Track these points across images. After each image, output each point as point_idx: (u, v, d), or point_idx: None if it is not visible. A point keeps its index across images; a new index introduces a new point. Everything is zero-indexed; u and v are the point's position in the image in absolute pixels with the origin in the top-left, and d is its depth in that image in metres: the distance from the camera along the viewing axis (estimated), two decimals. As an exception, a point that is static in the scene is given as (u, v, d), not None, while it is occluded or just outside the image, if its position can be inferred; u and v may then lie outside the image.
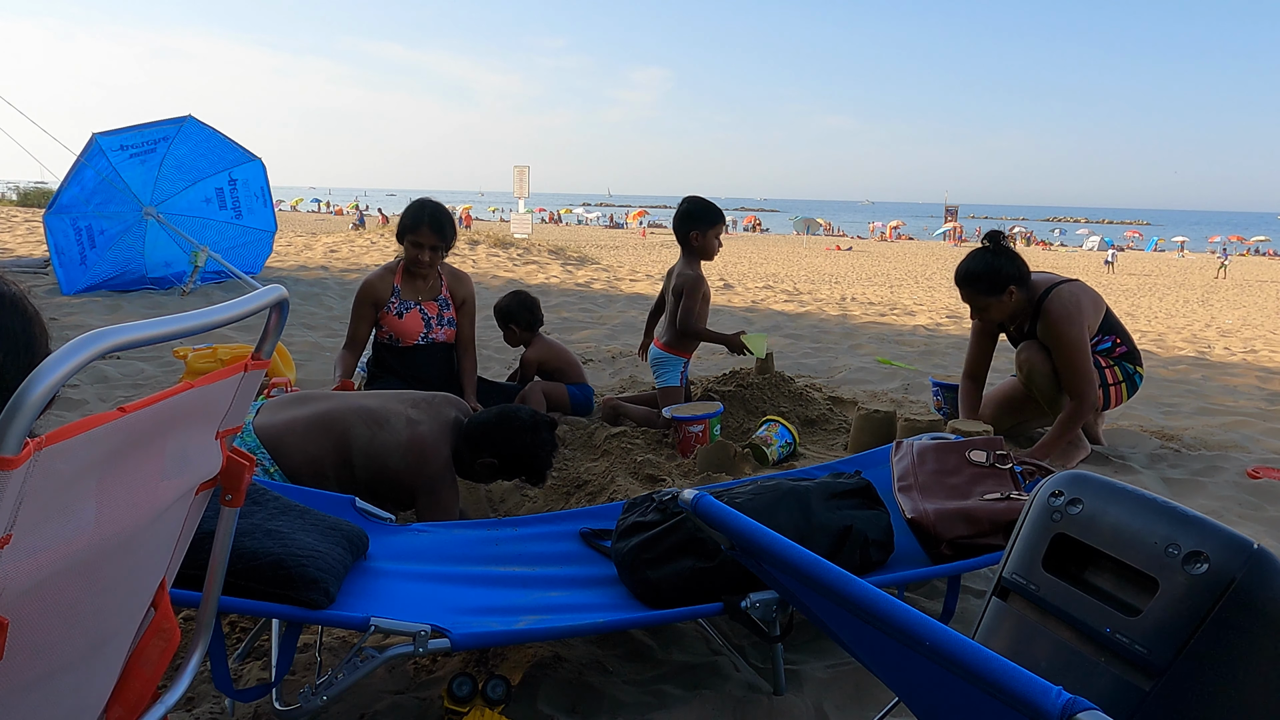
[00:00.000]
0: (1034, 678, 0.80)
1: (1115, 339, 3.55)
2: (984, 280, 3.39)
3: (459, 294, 3.77)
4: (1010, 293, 3.38)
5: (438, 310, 3.69)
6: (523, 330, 4.17)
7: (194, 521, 1.20)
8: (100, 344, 0.79)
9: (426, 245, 3.57)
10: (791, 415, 3.83)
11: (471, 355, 3.79)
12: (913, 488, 2.38)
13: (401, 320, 3.61)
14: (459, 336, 3.77)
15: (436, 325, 3.69)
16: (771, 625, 1.85)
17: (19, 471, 0.72)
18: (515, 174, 21.41)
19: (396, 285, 3.64)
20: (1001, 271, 3.36)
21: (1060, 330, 3.32)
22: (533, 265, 11.31)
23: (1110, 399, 3.54)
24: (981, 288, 3.40)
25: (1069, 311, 3.32)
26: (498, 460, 2.59)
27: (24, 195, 20.18)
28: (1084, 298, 3.43)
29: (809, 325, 7.80)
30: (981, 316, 3.50)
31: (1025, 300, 3.41)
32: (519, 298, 4.21)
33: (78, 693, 1.00)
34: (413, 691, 1.97)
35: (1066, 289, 3.41)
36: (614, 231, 48.43)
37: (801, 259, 29.35)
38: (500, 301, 4.22)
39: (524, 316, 4.15)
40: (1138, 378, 3.57)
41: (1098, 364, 3.49)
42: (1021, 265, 3.40)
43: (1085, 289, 3.51)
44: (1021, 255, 3.44)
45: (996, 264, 3.37)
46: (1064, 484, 1.29)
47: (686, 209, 3.84)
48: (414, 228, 3.57)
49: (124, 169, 7.37)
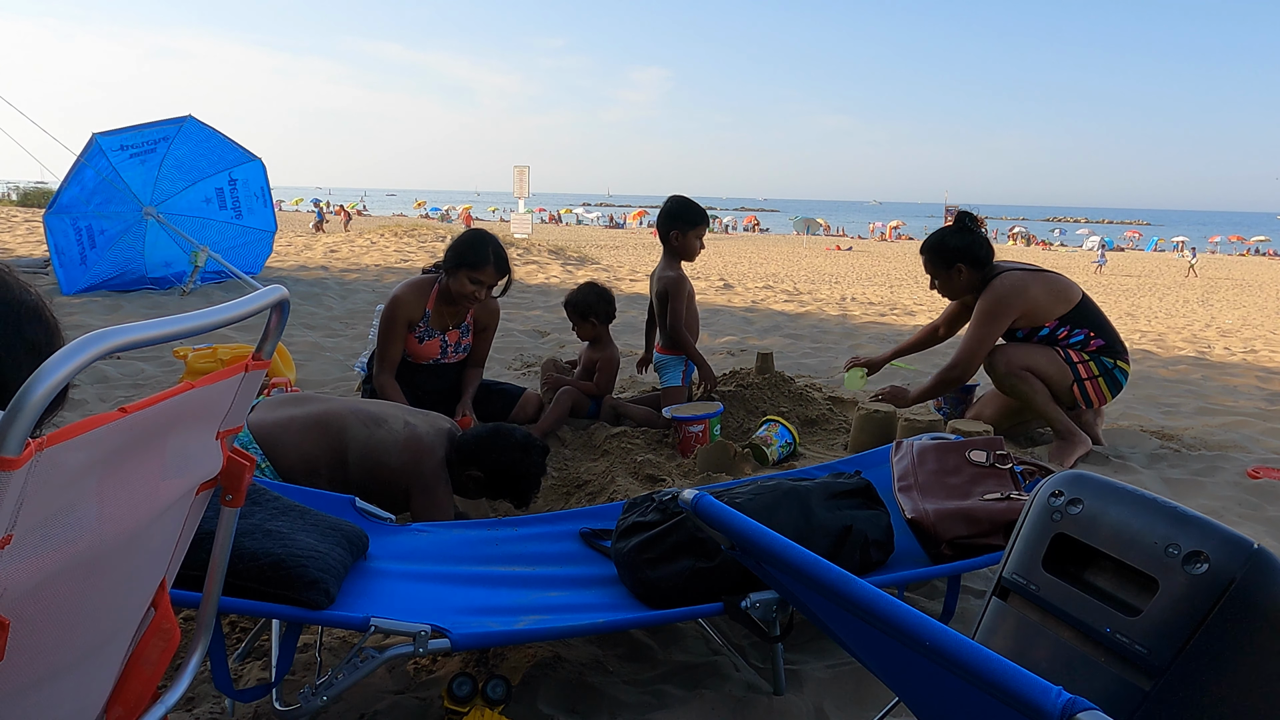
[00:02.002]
0: (1034, 678, 0.80)
1: (1088, 332, 3.56)
2: (932, 252, 3.67)
3: (484, 319, 3.70)
4: (959, 269, 3.61)
5: (458, 338, 3.64)
6: (602, 323, 4.01)
7: (194, 521, 1.20)
8: (101, 344, 0.79)
9: (487, 284, 3.45)
10: (791, 415, 3.83)
11: (479, 370, 3.75)
12: (913, 488, 2.39)
13: (421, 345, 3.56)
14: (472, 355, 3.72)
15: (453, 352, 3.65)
16: (771, 625, 1.85)
17: (20, 472, 0.72)
18: (515, 174, 21.42)
19: (428, 310, 3.54)
20: (950, 248, 3.61)
21: (983, 303, 3.56)
22: (533, 265, 11.31)
23: (1089, 394, 3.54)
24: (931, 258, 3.68)
25: (1000, 293, 3.52)
26: (484, 475, 2.58)
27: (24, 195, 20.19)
28: (1036, 287, 3.54)
29: (809, 325, 7.80)
30: (935, 287, 3.75)
31: (978, 280, 3.64)
32: (596, 290, 4.02)
33: (78, 693, 1.00)
34: (413, 691, 1.97)
35: (1014, 275, 3.57)
36: (614, 231, 48.42)
37: (801, 259, 29.34)
38: (574, 295, 4.02)
39: (604, 309, 3.99)
40: (1119, 372, 3.57)
41: (1069, 359, 3.52)
42: (975, 247, 3.60)
43: (1045, 280, 3.58)
44: (985, 240, 3.65)
45: (948, 241, 3.63)
46: (1064, 484, 1.29)
47: (670, 208, 3.84)
48: (478, 265, 3.41)
49: (124, 169, 7.37)
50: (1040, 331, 3.57)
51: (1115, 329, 3.65)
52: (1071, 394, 3.53)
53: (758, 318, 8.15)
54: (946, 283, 3.68)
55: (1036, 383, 3.48)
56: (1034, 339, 3.59)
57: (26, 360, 1.06)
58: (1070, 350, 3.53)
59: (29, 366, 1.06)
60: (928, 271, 3.74)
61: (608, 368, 3.94)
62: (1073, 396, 3.54)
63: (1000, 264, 3.64)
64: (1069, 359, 3.51)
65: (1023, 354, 3.51)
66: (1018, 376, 3.49)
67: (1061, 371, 3.51)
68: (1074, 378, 3.51)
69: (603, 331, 4.03)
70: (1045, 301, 3.53)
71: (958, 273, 3.62)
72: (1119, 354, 3.58)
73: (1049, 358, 3.51)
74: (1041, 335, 3.57)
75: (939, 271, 3.67)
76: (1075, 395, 3.53)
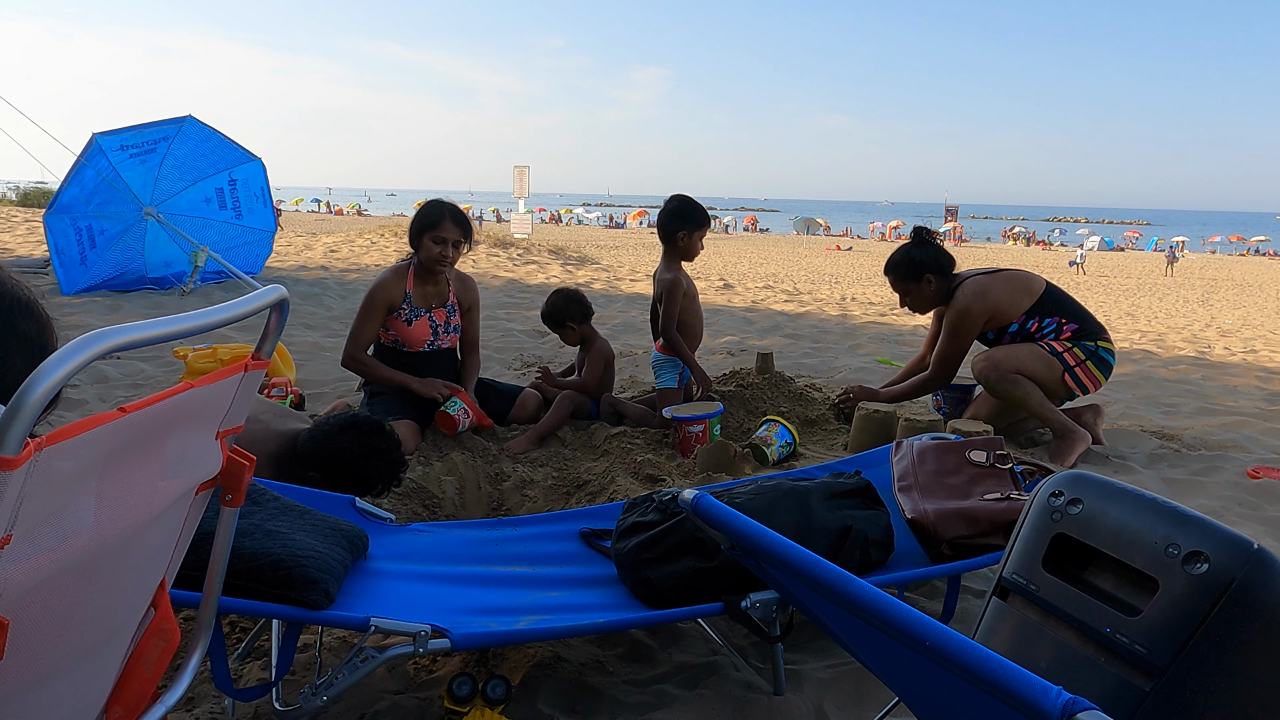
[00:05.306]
0: (1034, 678, 0.80)
1: (1059, 319, 3.58)
2: (901, 268, 3.74)
3: (466, 299, 3.78)
4: (928, 281, 3.69)
5: (445, 318, 3.69)
6: (581, 324, 4.00)
7: (194, 521, 1.20)
8: (100, 344, 0.79)
9: (450, 240, 3.54)
10: (791, 415, 3.83)
11: (475, 355, 3.82)
12: (913, 488, 2.39)
13: (411, 327, 3.60)
14: (464, 337, 3.80)
15: (444, 333, 3.69)
16: (771, 625, 1.85)
17: (19, 472, 0.72)
18: (515, 174, 21.42)
19: (409, 290, 3.60)
20: (916, 261, 3.70)
21: (949, 317, 3.65)
22: (533, 265, 11.31)
23: (1082, 381, 3.55)
24: (900, 274, 3.75)
25: (966, 302, 3.60)
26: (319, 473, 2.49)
27: (24, 195, 20.18)
28: (996, 287, 3.61)
29: (809, 325, 7.80)
30: (906, 302, 3.81)
31: (945, 289, 3.71)
32: (563, 294, 4.02)
33: (78, 693, 1.00)
34: (413, 691, 1.97)
35: (975, 280, 3.65)
36: (614, 231, 48.42)
37: (801, 259, 29.34)
38: (545, 309, 4.02)
39: (577, 309, 3.98)
40: (1104, 352, 3.58)
41: (1053, 351, 3.53)
42: (940, 258, 3.71)
43: (1004, 278, 3.65)
44: (945, 250, 3.75)
45: (913, 255, 3.71)
46: (1064, 484, 1.29)
47: (677, 208, 3.83)
48: (435, 223, 3.54)
49: (124, 169, 7.37)
50: (1009, 329, 3.60)
51: (1086, 309, 3.67)
52: (1065, 385, 3.54)
53: (758, 318, 8.15)
54: (918, 296, 3.75)
55: (1029, 384, 3.49)
56: (1005, 338, 3.62)
57: (19, 353, 1.07)
58: (1050, 342, 3.55)
59: (22, 360, 1.06)
60: (896, 289, 3.80)
61: (596, 361, 3.94)
62: (1067, 387, 3.54)
63: (961, 273, 3.74)
64: (1053, 350, 3.53)
65: (1008, 357, 3.51)
66: (1009, 381, 3.49)
67: (1049, 365, 3.51)
68: (1063, 367, 3.52)
69: (587, 331, 4.04)
70: (1008, 298, 3.59)
71: (927, 284, 3.69)
72: (1097, 334, 3.59)
73: (1035, 355, 3.52)
74: (1011, 332, 3.60)
75: (909, 286, 3.74)
76: (1069, 385, 3.54)
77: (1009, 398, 3.54)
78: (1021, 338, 3.59)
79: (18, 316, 1.08)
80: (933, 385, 3.77)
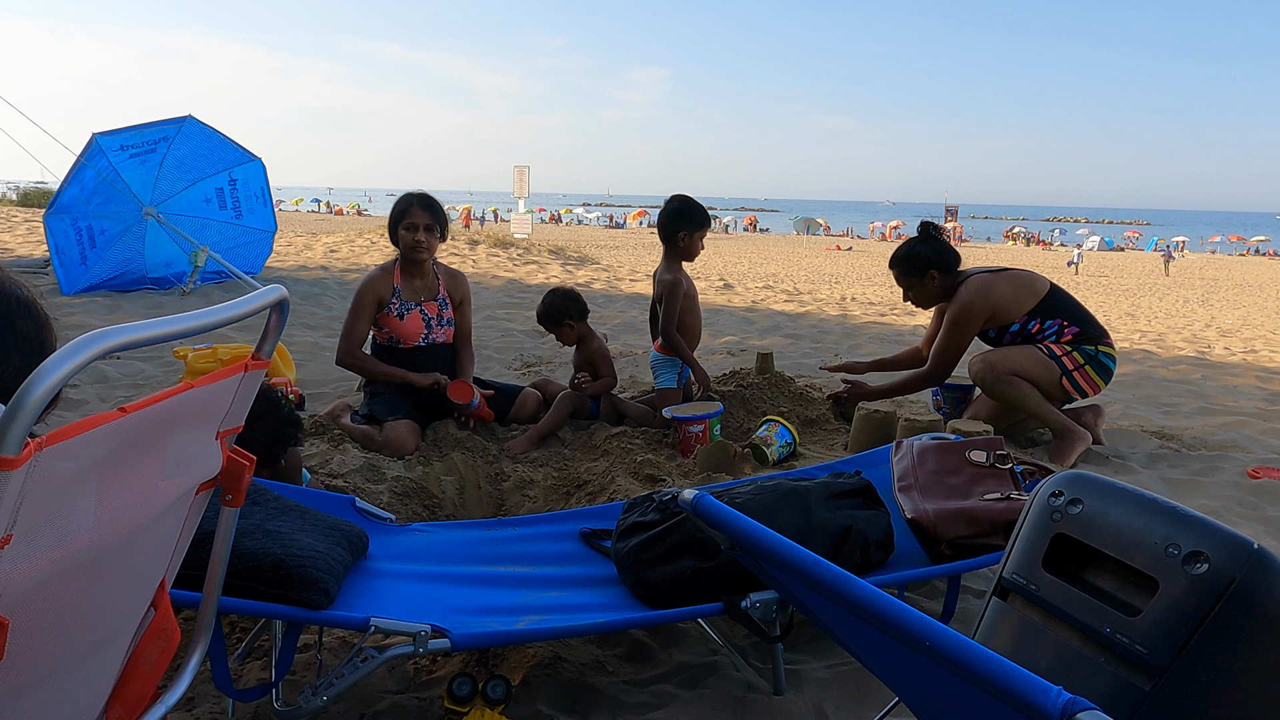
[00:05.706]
0: (1034, 678, 0.80)
1: (1061, 321, 3.57)
2: (905, 263, 3.75)
3: (456, 293, 3.82)
4: (932, 276, 3.70)
5: (437, 310, 3.72)
6: (579, 322, 4.00)
7: (194, 521, 1.20)
8: (100, 344, 0.79)
9: (421, 224, 3.59)
10: (791, 415, 3.83)
11: (469, 350, 3.85)
12: (913, 488, 2.38)
13: (403, 322, 3.63)
14: (457, 332, 3.82)
15: (437, 326, 3.72)
16: (771, 625, 1.85)
17: (19, 472, 0.72)
18: (515, 174, 21.42)
19: (396, 286, 3.65)
20: (921, 256, 3.69)
21: (951, 312, 3.65)
22: (533, 265, 11.31)
23: (1081, 385, 3.54)
24: (904, 269, 3.75)
25: (965, 300, 3.60)
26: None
27: (24, 195, 20.16)
28: (1000, 285, 3.60)
29: (809, 325, 7.80)
30: (909, 297, 3.82)
31: (949, 285, 3.71)
32: (560, 293, 4.01)
33: (78, 693, 1.00)
34: (413, 691, 1.97)
35: (978, 278, 3.64)
36: (614, 231, 48.41)
37: (801, 259, 29.32)
38: (540, 309, 4.01)
39: (575, 307, 3.97)
40: (1104, 357, 3.56)
41: (1052, 354, 3.52)
42: (945, 254, 3.70)
43: (1008, 277, 3.64)
44: (950, 246, 3.75)
45: (918, 250, 3.71)
46: (1064, 484, 1.29)
47: (678, 208, 3.82)
48: (404, 212, 3.61)
49: (124, 169, 7.36)
50: (1011, 328, 3.59)
51: (1089, 313, 3.66)
52: (1063, 388, 3.53)
53: (758, 318, 8.15)
54: (921, 291, 3.75)
55: (1026, 385, 3.48)
56: (1006, 337, 3.62)
57: (17, 351, 1.07)
58: (1049, 344, 3.54)
59: (21, 358, 1.06)
60: (901, 284, 3.81)
61: (605, 357, 3.96)
62: (1065, 391, 3.54)
63: (965, 270, 3.72)
64: (1051, 354, 3.52)
65: (1006, 359, 3.51)
66: (1006, 383, 3.49)
67: (1047, 368, 3.51)
68: (1061, 371, 3.51)
69: (584, 329, 4.04)
70: (1011, 297, 3.57)
71: (931, 279, 3.69)
72: (1098, 338, 3.58)
73: (1032, 357, 3.51)
74: (1013, 332, 3.59)
75: (913, 281, 3.74)
76: (1067, 389, 3.53)
77: (1005, 399, 3.54)
78: (1023, 338, 3.59)
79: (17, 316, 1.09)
80: (929, 381, 3.76)
